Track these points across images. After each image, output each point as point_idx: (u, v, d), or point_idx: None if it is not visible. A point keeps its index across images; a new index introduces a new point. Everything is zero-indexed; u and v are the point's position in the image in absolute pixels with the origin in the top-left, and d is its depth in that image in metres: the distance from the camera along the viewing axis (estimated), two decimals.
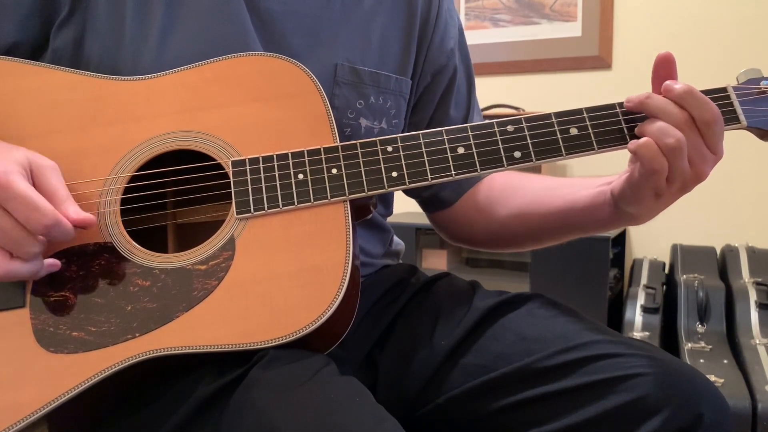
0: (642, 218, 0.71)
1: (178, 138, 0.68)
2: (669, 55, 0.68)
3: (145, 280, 0.63)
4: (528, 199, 0.83)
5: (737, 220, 2.04)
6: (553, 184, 0.83)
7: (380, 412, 0.56)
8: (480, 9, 2.38)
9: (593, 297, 1.87)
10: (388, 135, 0.79)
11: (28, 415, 0.58)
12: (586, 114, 0.69)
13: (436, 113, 0.90)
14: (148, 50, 0.71)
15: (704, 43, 2.06)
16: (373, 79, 0.79)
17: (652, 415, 0.61)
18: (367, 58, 0.80)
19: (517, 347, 0.70)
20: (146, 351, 0.59)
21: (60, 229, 0.58)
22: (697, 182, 0.67)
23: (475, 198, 0.89)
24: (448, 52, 0.88)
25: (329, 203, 0.66)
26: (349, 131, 0.78)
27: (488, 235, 0.89)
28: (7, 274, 0.58)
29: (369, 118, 0.79)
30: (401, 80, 0.83)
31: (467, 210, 0.90)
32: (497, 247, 0.93)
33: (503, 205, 0.86)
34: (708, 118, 0.64)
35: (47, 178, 0.60)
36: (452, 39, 0.89)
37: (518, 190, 0.86)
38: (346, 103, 0.77)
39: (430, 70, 0.87)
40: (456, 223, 0.92)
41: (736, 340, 1.59)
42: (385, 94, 0.81)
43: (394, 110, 0.82)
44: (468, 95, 0.93)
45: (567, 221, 0.79)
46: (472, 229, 0.91)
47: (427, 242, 2.21)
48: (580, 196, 0.77)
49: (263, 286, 0.62)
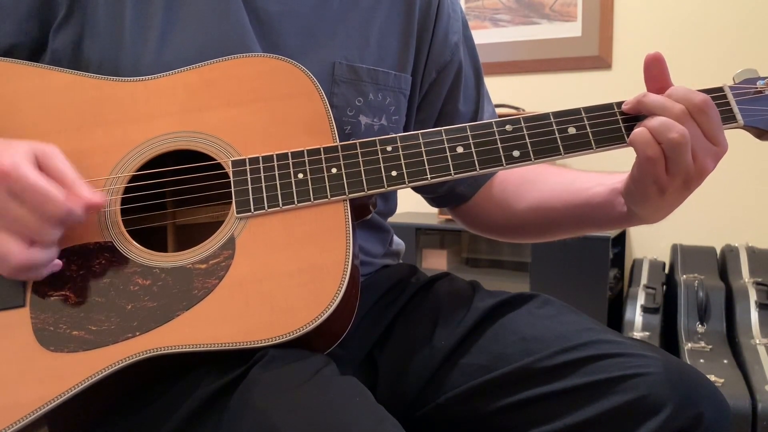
0: (650, 217, 0.72)
1: (178, 138, 0.68)
2: (658, 54, 0.68)
3: (146, 279, 0.63)
4: (545, 194, 0.84)
5: (737, 220, 2.04)
6: (569, 178, 0.84)
7: (380, 412, 0.56)
8: (480, 9, 2.38)
9: (593, 297, 1.87)
10: (388, 132, 0.80)
11: (28, 414, 0.58)
12: (584, 113, 0.69)
13: (444, 109, 0.90)
14: (148, 51, 0.71)
15: (704, 43, 2.06)
16: (372, 76, 0.80)
17: (653, 414, 0.61)
18: (365, 56, 0.80)
19: (517, 347, 0.70)
20: (146, 350, 0.59)
21: (73, 217, 0.59)
22: (701, 177, 0.67)
23: (491, 192, 0.91)
24: (452, 47, 0.88)
25: (329, 202, 0.66)
26: (349, 129, 0.78)
27: (506, 226, 0.91)
28: (28, 261, 0.59)
29: (369, 116, 0.79)
30: (400, 76, 0.83)
31: (485, 204, 0.92)
32: (515, 238, 0.94)
33: (520, 199, 0.87)
34: (698, 102, 0.64)
35: (54, 163, 0.60)
36: (456, 33, 0.89)
37: (535, 183, 0.86)
38: (345, 101, 0.77)
39: (434, 66, 0.87)
40: (474, 216, 0.94)
41: (736, 340, 1.59)
42: (384, 91, 0.81)
43: (393, 107, 0.82)
44: (477, 89, 0.93)
45: (583, 217, 0.81)
46: (490, 222, 0.93)
47: (427, 242, 2.21)
48: (595, 194, 0.78)
49: (263, 285, 0.62)
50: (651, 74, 0.68)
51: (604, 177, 0.79)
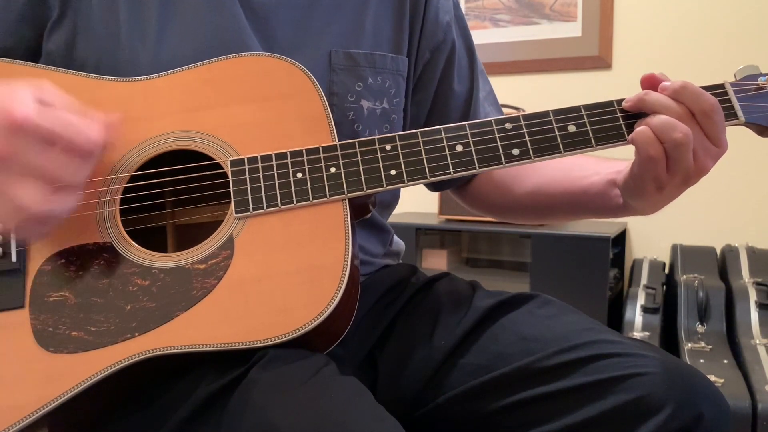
0: (645, 210, 0.72)
1: (176, 138, 0.68)
2: (652, 75, 0.68)
3: (145, 279, 0.63)
4: (544, 179, 0.85)
5: (737, 220, 2.04)
6: (568, 165, 0.84)
7: (380, 412, 0.56)
8: (480, 9, 2.38)
9: (593, 297, 1.86)
10: (391, 114, 0.81)
11: (28, 415, 0.58)
12: (584, 111, 0.69)
13: (439, 89, 0.90)
14: (146, 49, 0.71)
15: (704, 42, 2.06)
16: (369, 60, 0.80)
17: (653, 414, 0.61)
18: (361, 42, 0.80)
19: (517, 347, 0.70)
20: (146, 350, 0.59)
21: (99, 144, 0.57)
22: (700, 176, 0.67)
23: (490, 176, 0.92)
24: (445, 27, 0.88)
25: (328, 202, 0.66)
26: (352, 115, 0.78)
27: (504, 208, 0.93)
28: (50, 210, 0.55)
29: (370, 99, 0.80)
30: (397, 58, 0.83)
31: (483, 187, 0.93)
32: (512, 218, 0.96)
33: (519, 184, 0.88)
34: (706, 108, 0.65)
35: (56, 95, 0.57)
36: (447, 13, 0.89)
37: (535, 169, 0.87)
38: (345, 88, 0.78)
39: (427, 46, 0.87)
40: (472, 197, 0.96)
41: (736, 340, 1.59)
42: (382, 74, 0.81)
43: (393, 89, 0.83)
44: (470, 68, 0.93)
45: (580, 204, 0.82)
46: (489, 202, 0.94)
47: (427, 242, 2.21)
48: (593, 182, 0.78)
49: (262, 284, 0.62)
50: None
51: (601, 165, 0.79)
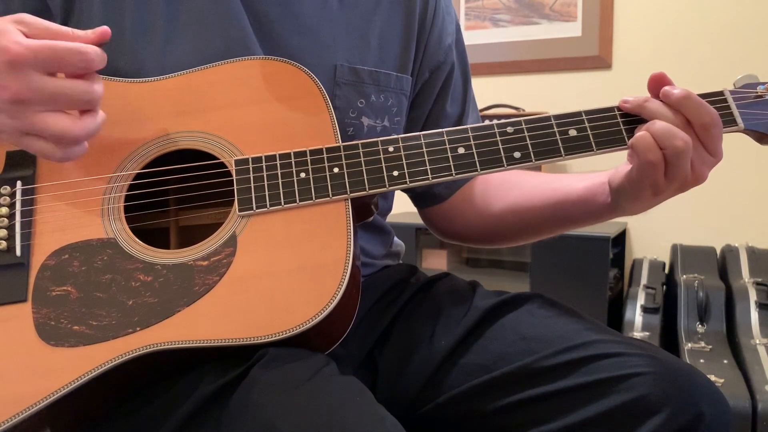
0: (636, 212, 0.73)
1: (182, 138, 0.68)
2: (660, 75, 0.68)
3: (147, 275, 0.63)
4: (524, 192, 0.84)
5: (737, 220, 2.04)
6: (548, 178, 0.84)
7: (380, 412, 0.56)
8: (480, 9, 2.38)
9: (593, 297, 1.87)
10: (390, 133, 0.80)
11: (29, 407, 0.58)
12: (585, 116, 0.69)
13: (433, 108, 0.90)
14: (151, 55, 0.71)
15: (704, 43, 2.06)
16: (373, 77, 0.80)
17: (653, 414, 0.61)
18: (366, 58, 0.80)
19: (517, 347, 0.70)
20: (147, 345, 0.60)
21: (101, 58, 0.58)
22: (696, 184, 0.68)
23: (470, 193, 0.90)
24: (446, 48, 0.89)
25: (331, 201, 0.66)
26: (351, 131, 0.78)
27: (482, 230, 0.90)
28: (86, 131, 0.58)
29: (371, 117, 0.80)
30: (402, 78, 0.83)
31: (461, 205, 0.90)
32: (490, 242, 0.93)
33: (498, 200, 0.87)
34: (707, 121, 0.65)
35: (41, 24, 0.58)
36: (450, 36, 0.90)
37: (515, 185, 0.86)
38: (347, 103, 0.78)
39: (428, 66, 0.87)
40: (449, 218, 0.93)
41: (736, 340, 1.59)
42: (386, 92, 0.81)
43: (395, 108, 0.83)
44: (464, 92, 0.93)
45: (561, 214, 0.81)
46: (465, 225, 0.91)
47: (427, 242, 2.22)
48: (574, 189, 0.79)
49: (264, 282, 0.62)
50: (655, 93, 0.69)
51: (584, 175, 0.79)
